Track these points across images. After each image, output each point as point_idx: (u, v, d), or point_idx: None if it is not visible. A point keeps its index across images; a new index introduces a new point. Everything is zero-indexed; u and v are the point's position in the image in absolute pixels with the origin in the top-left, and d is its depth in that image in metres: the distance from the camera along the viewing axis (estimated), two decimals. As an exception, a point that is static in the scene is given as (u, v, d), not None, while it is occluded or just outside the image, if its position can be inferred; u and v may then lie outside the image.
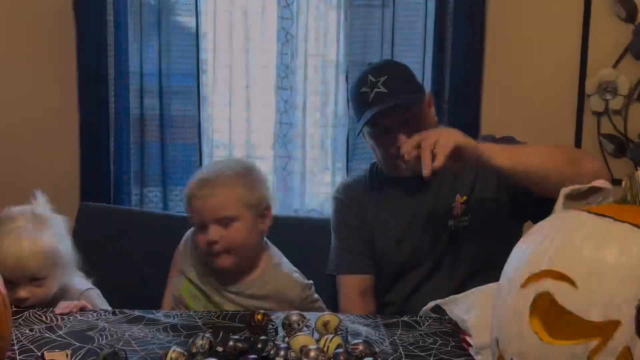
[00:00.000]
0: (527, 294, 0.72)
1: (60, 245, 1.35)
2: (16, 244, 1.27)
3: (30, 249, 1.28)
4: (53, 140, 2.15)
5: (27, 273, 1.28)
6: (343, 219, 1.55)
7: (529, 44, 2.11)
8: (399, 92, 1.39)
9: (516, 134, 2.11)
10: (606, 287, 0.65)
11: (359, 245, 1.51)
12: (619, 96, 2.10)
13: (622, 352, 0.63)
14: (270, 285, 1.43)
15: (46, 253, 1.31)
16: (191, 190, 1.41)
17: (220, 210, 1.36)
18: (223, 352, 0.98)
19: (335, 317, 1.12)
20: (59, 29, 2.09)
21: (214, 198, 1.37)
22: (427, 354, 1.05)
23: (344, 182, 1.64)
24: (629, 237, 0.67)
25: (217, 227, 1.36)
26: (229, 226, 1.37)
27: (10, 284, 1.24)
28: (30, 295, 1.29)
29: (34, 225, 1.32)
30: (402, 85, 1.42)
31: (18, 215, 1.34)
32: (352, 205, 1.54)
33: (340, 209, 1.56)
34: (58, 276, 1.35)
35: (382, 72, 1.42)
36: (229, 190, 1.38)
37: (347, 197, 1.56)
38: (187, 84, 2.11)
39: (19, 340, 1.06)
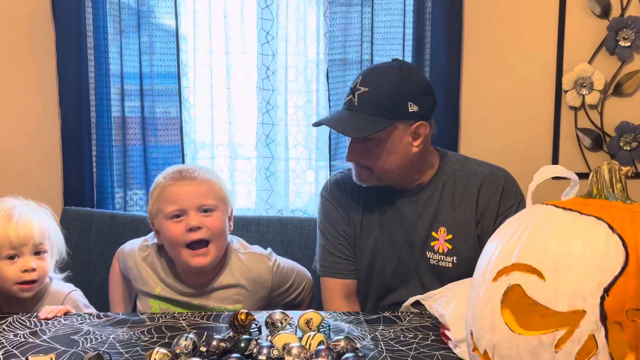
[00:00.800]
0: (499, 287, 0.75)
1: (53, 228, 1.45)
2: (24, 217, 1.38)
3: (37, 221, 1.39)
4: (35, 145, 2.14)
5: (34, 242, 1.37)
6: (329, 219, 1.52)
7: (507, 41, 2.15)
8: (365, 112, 1.36)
9: (495, 130, 2.17)
10: (572, 278, 0.68)
11: (345, 249, 1.49)
12: (594, 91, 2.14)
13: (588, 340, 0.66)
14: (238, 271, 1.46)
15: (46, 227, 1.41)
16: (167, 182, 1.41)
17: (204, 199, 1.39)
18: (207, 352, 0.99)
19: (317, 314, 1.14)
20: (38, 33, 2.08)
21: (197, 187, 1.40)
22: (407, 348, 1.07)
23: (332, 180, 1.59)
24: (593, 230, 0.70)
25: (197, 215, 1.38)
26: (209, 215, 1.39)
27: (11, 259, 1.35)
28: (36, 266, 1.37)
29: (28, 206, 1.43)
30: (374, 106, 1.36)
31: (11, 199, 1.43)
32: (339, 205, 1.52)
33: (327, 209, 1.53)
34: (54, 257, 1.44)
35: (367, 82, 1.39)
36: (208, 182, 1.43)
37: (334, 197, 1.53)
38: (168, 86, 2.11)
39: (2, 346, 1.07)
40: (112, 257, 1.61)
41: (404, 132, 1.38)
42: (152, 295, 1.45)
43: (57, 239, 1.45)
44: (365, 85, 1.38)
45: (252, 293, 1.45)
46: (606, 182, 0.79)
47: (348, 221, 1.50)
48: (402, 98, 1.37)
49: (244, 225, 1.74)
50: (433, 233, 1.44)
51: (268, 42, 2.08)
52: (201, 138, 2.17)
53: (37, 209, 1.44)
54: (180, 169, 1.46)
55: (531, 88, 2.17)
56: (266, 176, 2.14)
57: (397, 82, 1.37)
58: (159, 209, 1.41)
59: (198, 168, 1.48)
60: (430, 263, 1.44)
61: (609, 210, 0.73)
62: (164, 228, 1.40)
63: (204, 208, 1.39)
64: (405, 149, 1.40)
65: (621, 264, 0.66)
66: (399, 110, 1.36)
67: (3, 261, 1.35)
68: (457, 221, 1.42)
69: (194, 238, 1.37)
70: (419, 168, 1.46)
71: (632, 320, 0.65)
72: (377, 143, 1.38)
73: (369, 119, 1.36)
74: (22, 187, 2.09)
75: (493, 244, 0.81)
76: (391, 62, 1.44)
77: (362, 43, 2.09)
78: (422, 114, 1.39)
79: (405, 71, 1.40)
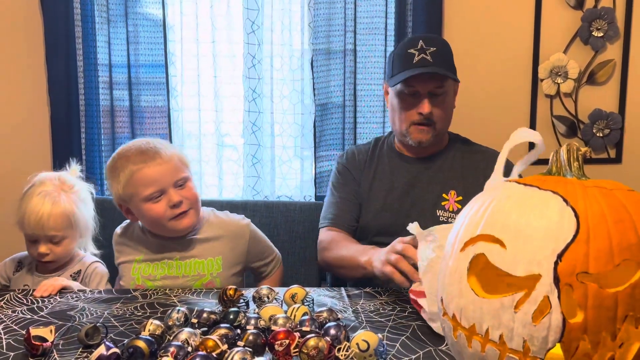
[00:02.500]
0: (465, 256, 0.82)
1: (78, 210, 1.52)
2: (38, 205, 1.45)
3: (50, 211, 1.45)
4: (25, 135, 2.18)
5: (46, 232, 1.46)
6: (343, 180, 1.70)
7: (485, 31, 2.22)
8: (442, 66, 1.54)
9: (475, 119, 2.24)
10: (529, 246, 0.75)
11: (350, 204, 1.66)
12: (569, 80, 2.22)
13: (542, 301, 0.73)
14: (216, 225, 1.57)
15: (64, 215, 1.48)
16: (136, 165, 1.44)
17: (177, 173, 1.46)
18: (197, 323, 1.06)
19: (302, 289, 1.21)
20: (27, 22, 2.12)
21: (167, 164, 1.45)
22: (386, 320, 1.15)
23: (349, 150, 1.77)
24: (550, 203, 0.77)
25: (176, 191, 1.45)
26: (184, 187, 1.47)
27: (33, 242, 1.48)
28: (49, 251, 1.48)
29: (57, 189, 1.50)
30: (446, 62, 1.57)
31: (45, 179, 1.52)
32: (353, 169, 1.70)
33: (342, 171, 1.72)
34: (76, 238, 1.53)
35: (433, 43, 1.56)
36: (174, 156, 1.48)
37: (349, 163, 1.72)
38: (155, 75, 2.16)
39: (2, 321, 1.12)
40: (105, 241, 1.65)
41: (454, 88, 1.64)
42: (134, 262, 1.52)
43: (83, 222, 1.54)
44: (433, 45, 1.55)
45: (232, 245, 1.55)
46: (564, 161, 0.86)
47: (359, 183, 1.68)
48: (452, 58, 1.62)
49: (232, 209, 1.79)
50: (444, 194, 1.60)
51: (254, 32, 2.13)
52: (189, 126, 2.22)
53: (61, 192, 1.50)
54: (141, 149, 1.46)
55: (508, 77, 2.25)
56: (253, 163, 2.20)
57: (447, 46, 1.61)
58: (133, 193, 1.44)
59: (157, 143, 1.49)
60: (440, 221, 1.57)
61: (564, 185, 0.80)
62: (144, 209, 1.45)
63: (179, 183, 1.46)
64: (453, 105, 1.65)
65: (573, 232, 0.74)
66: (454, 67, 1.62)
67: (28, 243, 1.50)
68: (467, 187, 1.60)
69: (178, 212, 1.45)
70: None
71: (581, 282, 0.72)
72: (445, 97, 1.58)
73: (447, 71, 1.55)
74: (12, 174, 2.14)
75: (460, 218, 0.88)
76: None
77: (345, 33, 2.15)
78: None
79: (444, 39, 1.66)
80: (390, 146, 1.72)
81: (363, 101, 2.19)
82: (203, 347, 0.93)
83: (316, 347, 0.92)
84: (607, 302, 0.72)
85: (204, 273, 1.51)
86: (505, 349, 0.76)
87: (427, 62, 1.53)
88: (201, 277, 1.50)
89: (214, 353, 0.92)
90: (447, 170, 1.63)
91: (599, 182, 0.81)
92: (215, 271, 1.52)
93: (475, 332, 0.80)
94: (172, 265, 1.51)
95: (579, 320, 0.72)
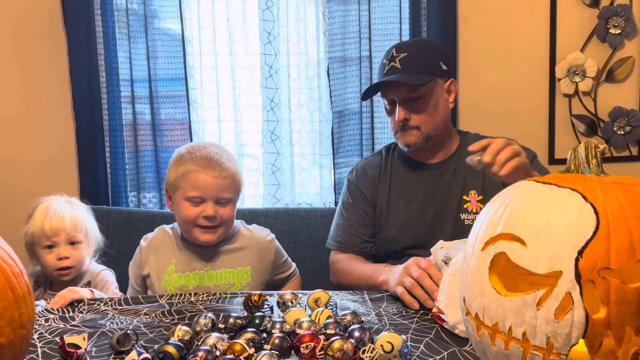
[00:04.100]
0: (486, 255, 0.83)
1: (88, 219, 1.67)
2: (57, 211, 1.60)
3: (70, 215, 1.61)
4: (52, 148, 2.24)
5: (68, 233, 1.58)
6: (352, 201, 1.68)
7: (500, 33, 2.22)
8: (411, 71, 1.52)
9: (492, 121, 2.24)
10: (550, 243, 0.76)
11: (359, 227, 1.64)
12: (587, 78, 2.21)
13: (565, 297, 0.74)
14: (244, 237, 1.61)
15: (80, 220, 1.63)
16: (195, 167, 1.50)
17: (224, 192, 1.51)
18: (225, 328, 1.08)
19: (325, 294, 1.22)
20: (51, 42, 2.18)
21: (222, 180, 1.50)
22: (409, 322, 1.15)
23: (359, 165, 1.74)
24: (569, 200, 0.78)
25: (214, 205, 1.50)
26: (224, 206, 1.52)
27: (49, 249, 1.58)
28: (69, 255, 1.58)
29: (66, 202, 1.65)
30: (416, 65, 1.53)
31: (51, 197, 1.66)
32: (364, 188, 1.67)
33: (352, 190, 1.69)
34: (88, 245, 1.64)
35: (404, 49, 1.55)
36: (232, 176, 1.52)
37: (359, 179, 1.69)
38: (175, 89, 2.20)
39: (36, 330, 1.16)
40: (130, 251, 1.69)
41: (441, 88, 1.59)
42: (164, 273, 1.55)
43: (92, 231, 1.66)
44: (403, 51, 1.54)
45: (260, 257, 1.59)
46: (582, 158, 0.86)
47: (371, 202, 1.64)
48: (435, 57, 1.57)
49: (253, 217, 1.83)
50: (464, 197, 1.59)
51: (270, 42, 2.16)
52: (209, 138, 2.25)
53: (74, 205, 1.66)
54: (208, 157, 1.52)
55: (525, 78, 2.25)
56: (272, 172, 2.23)
57: (428, 46, 1.60)
58: (180, 186, 1.52)
59: (225, 156, 1.54)
60: (465, 224, 1.56)
61: (582, 182, 0.80)
62: (180, 205, 1.52)
63: (222, 200, 1.51)
64: (444, 105, 1.60)
65: (593, 229, 0.74)
66: (436, 67, 1.57)
67: (43, 250, 1.57)
68: (486, 184, 1.57)
69: (206, 224, 1.50)
70: (450, 129, 1.65)
71: (603, 277, 0.73)
72: (423, 99, 1.55)
73: (416, 75, 1.52)
74: (41, 188, 2.19)
75: (481, 218, 0.89)
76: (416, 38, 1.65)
77: (360, 40, 2.17)
78: (451, 72, 1.62)
79: (428, 40, 1.62)
80: (402, 155, 1.69)
81: (380, 107, 2.21)
82: (230, 351, 0.95)
83: (341, 349, 0.94)
84: (630, 297, 0.72)
85: (234, 282, 1.54)
86: (529, 346, 0.77)
87: (395, 70, 1.53)
88: (231, 286, 1.53)
89: (242, 357, 0.94)
90: (463, 171, 1.61)
91: (618, 178, 0.82)
92: (245, 280, 1.55)
93: (498, 330, 0.80)
94: (203, 275, 1.54)
95: (602, 316, 0.72)
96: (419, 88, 1.53)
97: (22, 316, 0.82)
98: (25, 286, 0.85)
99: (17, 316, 0.82)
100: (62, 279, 1.59)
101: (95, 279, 1.64)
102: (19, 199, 2.24)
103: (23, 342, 0.84)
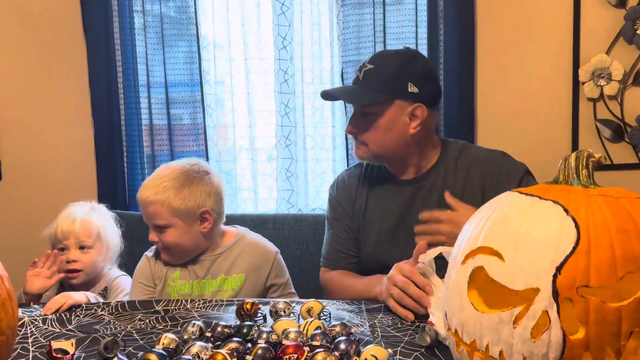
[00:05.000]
0: (465, 269, 0.80)
1: (107, 225, 1.70)
2: (71, 215, 1.64)
3: (81, 220, 1.64)
4: (71, 153, 2.30)
5: (76, 237, 1.62)
6: (335, 215, 1.62)
7: (521, 35, 2.15)
8: (368, 86, 1.45)
9: (513, 126, 2.18)
10: (528, 258, 0.72)
11: (345, 243, 1.58)
12: (613, 81, 2.12)
13: (541, 316, 0.70)
14: (246, 243, 1.61)
15: (94, 226, 1.65)
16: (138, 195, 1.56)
17: (155, 219, 1.52)
18: (212, 336, 1.07)
19: (318, 303, 1.20)
20: (71, 49, 2.24)
21: (149, 208, 1.51)
22: (402, 334, 1.12)
23: (339, 178, 1.67)
24: (550, 213, 0.74)
25: (154, 233, 1.54)
26: (163, 232, 1.52)
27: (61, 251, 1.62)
28: (77, 258, 1.62)
29: (88, 208, 1.70)
30: (376, 81, 1.45)
31: (79, 203, 1.72)
32: (344, 201, 1.61)
33: (334, 205, 1.63)
34: (102, 252, 1.66)
35: (374, 61, 1.48)
36: (160, 203, 1.50)
37: (339, 193, 1.62)
38: (191, 94, 2.22)
39: (32, 334, 1.18)
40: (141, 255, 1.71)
41: (401, 111, 1.45)
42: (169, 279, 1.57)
43: (109, 237, 1.69)
44: (372, 64, 1.46)
45: (257, 267, 1.57)
46: (572, 168, 0.82)
47: (352, 216, 1.57)
48: (402, 77, 1.44)
49: (261, 223, 1.82)
50: None
51: (285, 47, 2.16)
52: (224, 142, 2.26)
53: (94, 211, 1.70)
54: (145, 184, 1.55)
55: (547, 81, 2.17)
56: (287, 177, 2.22)
57: (401, 62, 1.45)
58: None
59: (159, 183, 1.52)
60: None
61: (567, 194, 0.76)
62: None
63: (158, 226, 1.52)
64: (402, 128, 1.46)
65: (572, 244, 0.70)
66: (398, 88, 1.44)
67: (58, 253, 1.62)
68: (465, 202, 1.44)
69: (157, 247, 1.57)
70: (419, 152, 1.52)
71: (582, 296, 0.69)
72: (375, 118, 1.45)
73: (369, 92, 1.44)
74: (61, 192, 2.26)
75: (465, 229, 0.86)
76: (401, 48, 1.53)
77: (374, 44, 2.14)
78: (422, 96, 1.45)
79: (410, 55, 1.48)
80: (381, 167, 1.60)
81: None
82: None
83: (323, 362, 0.92)
84: (610, 317, 0.68)
85: (227, 288, 1.54)
86: (505, 366, 0.73)
87: (356, 81, 1.48)
88: (224, 292, 1.53)
89: (222, 367, 0.93)
90: (439, 188, 1.50)
91: (605, 190, 0.77)
92: (238, 287, 1.54)
93: (476, 348, 0.77)
94: (204, 284, 1.55)
95: (580, 337, 0.68)
96: (376, 105, 1.45)
97: (0, 322, 0.83)
98: (5, 292, 0.86)
99: (-5, 322, 0.83)
100: (71, 281, 1.63)
101: (110, 284, 1.67)
102: (39, 202, 2.31)
103: (2, 348, 0.85)
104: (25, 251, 2.27)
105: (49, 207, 2.06)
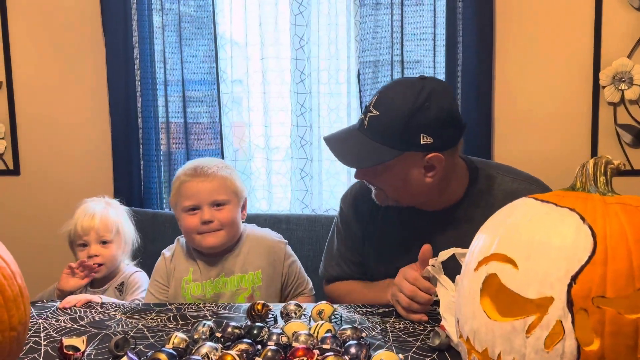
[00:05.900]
0: (478, 276, 0.78)
1: (123, 221, 1.73)
2: (90, 210, 1.68)
3: (101, 215, 1.68)
4: (88, 150, 2.32)
5: (97, 232, 1.65)
6: (343, 230, 1.52)
7: (540, 37, 2.12)
8: (374, 136, 1.25)
9: (530, 130, 2.15)
10: (542, 267, 0.71)
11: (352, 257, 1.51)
12: (635, 86, 2.08)
13: (555, 326, 0.68)
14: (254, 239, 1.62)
15: (112, 221, 1.69)
16: (185, 177, 1.56)
17: (216, 194, 1.53)
18: (222, 337, 1.07)
19: (329, 306, 1.19)
20: (90, 48, 2.26)
21: (209, 184, 1.53)
22: (414, 339, 1.11)
23: (352, 192, 1.53)
24: (565, 221, 0.72)
25: (210, 209, 1.52)
26: (221, 209, 1.53)
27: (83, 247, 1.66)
28: (98, 253, 1.65)
29: (105, 203, 1.74)
30: (382, 131, 1.24)
31: (93, 199, 1.75)
32: (356, 217, 1.48)
33: (343, 220, 1.52)
34: (121, 245, 1.71)
35: (380, 104, 1.26)
36: (221, 179, 1.55)
37: (351, 209, 1.50)
38: (208, 92, 2.23)
39: (45, 329, 1.19)
40: (155, 253, 1.72)
41: (414, 163, 1.26)
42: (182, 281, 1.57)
43: (126, 232, 1.72)
44: (378, 108, 1.25)
45: (270, 261, 1.58)
46: (589, 175, 0.80)
47: (362, 231, 1.47)
48: (413, 129, 1.22)
49: (275, 223, 1.82)
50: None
51: (302, 47, 2.15)
52: (239, 141, 2.27)
53: (110, 206, 1.73)
54: (195, 166, 1.57)
55: (567, 84, 2.14)
56: (301, 177, 2.21)
57: (411, 110, 1.22)
58: (176, 202, 1.58)
59: (213, 164, 1.58)
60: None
61: (583, 202, 0.75)
62: (181, 219, 1.57)
63: (217, 202, 1.53)
64: (417, 179, 1.28)
65: (589, 253, 0.69)
66: (408, 141, 1.23)
67: (78, 248, 1.67)
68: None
69: (205, 229, 1.52)
70: (438, 193, 1.34)
71: (598, 307, 0.67)
72: (384, 169, 1.27)
73: (374, 146, 1.24)
74: (77, 188, 2.28)
75: (479, 236, 0.84)
76: (414, 81, 1.27)
77: (392, 45, 2.13)
78: (438, 145, 1.24)
79: (423, 97, 1.22)
80: None
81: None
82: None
83: (332, 366, 0.91)
84: (627, 329, 0.66)
85: (246, 287, 1.54)
86: (517, 376, 0.72)
87: (361, 126, 1.28)
88: (243, 291, 1.53)
89: (231, 368, 0.93)
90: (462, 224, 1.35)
91: (624, 199, 0.75)
92: (256, 284, 1.54)
93: (488, 356, 0.76)
94: (218, 282, 1.55)
95: (594, 348, 0.67)
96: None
97: (11, 318, 0.84)
98: (17, 288, 0.86)
99: (7, 318, 0.83)
100: (93, 274, 1.65)
101: (127, 280, 1.69)
102: (56, 199, 2.34)
103: (13, 344, 0.85)
104: (41, 246, 2.32)
105: (65, 203, 2.09)
